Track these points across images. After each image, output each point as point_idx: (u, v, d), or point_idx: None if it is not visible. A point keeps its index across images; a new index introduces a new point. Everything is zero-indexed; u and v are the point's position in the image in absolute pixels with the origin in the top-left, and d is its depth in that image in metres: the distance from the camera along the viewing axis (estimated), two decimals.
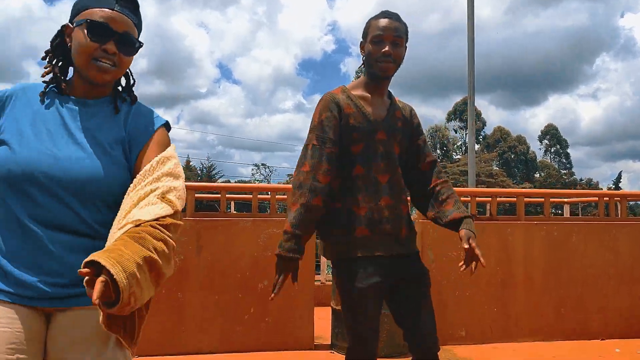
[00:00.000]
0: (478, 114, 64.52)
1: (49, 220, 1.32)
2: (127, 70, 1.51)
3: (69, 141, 1.36)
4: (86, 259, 1.09)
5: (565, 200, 6.47)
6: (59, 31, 1.46)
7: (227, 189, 4.48)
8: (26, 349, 1.26)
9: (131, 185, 1.35)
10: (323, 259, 6.44)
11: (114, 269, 1.07)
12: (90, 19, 1.36)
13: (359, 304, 2.05)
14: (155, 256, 1.20)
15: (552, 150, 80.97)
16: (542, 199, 4.85)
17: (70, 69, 1.50)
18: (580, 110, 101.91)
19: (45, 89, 1.43)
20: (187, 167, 74.57)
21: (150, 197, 1.31)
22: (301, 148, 2.14)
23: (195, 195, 4.39)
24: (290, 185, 4.33)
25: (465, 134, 68.98)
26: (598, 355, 4.22)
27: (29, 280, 1.30)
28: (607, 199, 4.89)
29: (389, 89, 2.26)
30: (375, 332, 2.09)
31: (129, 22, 1.41)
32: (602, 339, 4.67)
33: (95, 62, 1.37)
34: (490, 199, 4.92)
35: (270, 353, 4.15)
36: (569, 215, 6.41)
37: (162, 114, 1.52)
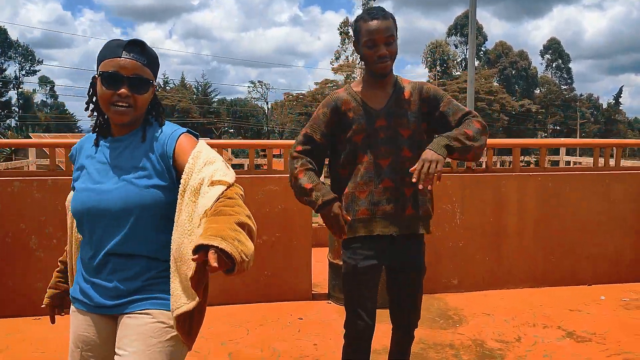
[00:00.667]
0: (479, 28, 62.72)
1: (103, 246, 1.55)
2: (155, 99, 1.67)
3: (110, 176, 1.57)
4: (193, 247, 1.27)
5: (561, 141, 6.44)
6: (90, 83, 1.65)
7: (224, 146, 4.46)
8: (100, 347, 1.60)
9: (180, 194, 1.52)
10: None
11: (216, 241, 1.24)
12: (102, 70, 1.55)
13: (356, 283, 2.30)
14: (240, 217, 1.38)
15: (554, 65, 79.48)
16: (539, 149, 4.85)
17: None
18: (584, 21, 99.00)
19: (96, 135, 1.67)
20: (183, 85, 73.59)
21: (203, 189, 1.47)
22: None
23: None
24: (283, 142, 4.45)
25: (466, 50, 67.45)
26: (583, 303, 4.40)
27: (94, 295, 1.58)
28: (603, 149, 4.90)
29: (395, 74, 2.35)
30: (372, 306, 2.33)
31: (137, 65, 1.56)
32: (589, 285, 4.84)
33: (113, 107, 1.55)
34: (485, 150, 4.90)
35: (269, 304, 4.32)
36: (564, 158, 6.42)
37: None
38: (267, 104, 78.08)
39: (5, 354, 3.40)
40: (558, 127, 71.16)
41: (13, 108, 63.09)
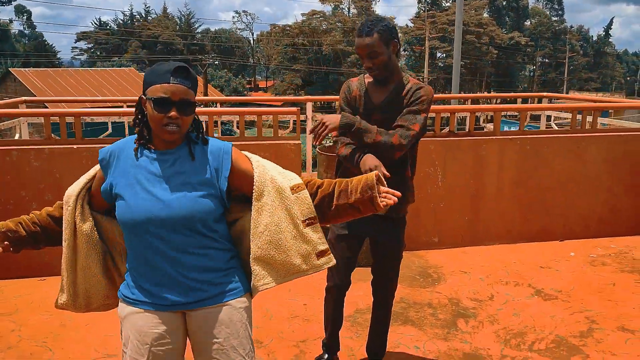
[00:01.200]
0: None
1: (163, 251, 1.74)
2: (195, 119, 1.84)
3: (165, 187, 1.74)
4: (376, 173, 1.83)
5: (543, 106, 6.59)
6: (137, 102, 1.80)
7: (213, 113, 4.56)
8: (169, 341, 1.79)
9: (257, 198, 1.80)
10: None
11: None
12: (153, 96, 1.71)
13: (333, 246, 2.74)
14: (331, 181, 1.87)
15: None
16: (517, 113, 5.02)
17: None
18: None
19: (137, 145, 1.80)
20: (165, 16, 71.32)
21: (289, 196, 1.81)
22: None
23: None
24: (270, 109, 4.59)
25: None
26: (554, 259, 4.73)
27: (159, 294, 1.77)
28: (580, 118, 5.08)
29: (403, 72, 2.64)
30: (345, 264, 2.80)
31: (184, 89, 1.72)
32: (562, 240, 5.17)
33: (164, 127, 1.71)
34: (468, 114, 5.07)
35: None
36: (545, 121, 6.60)
37: None
38: (253, 34, 76.15)
39: (15, 317, 3.65)
40: (547, 60, 70.69)
41: None
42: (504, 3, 68.22)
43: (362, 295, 3.75)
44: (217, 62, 65.72)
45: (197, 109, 5.80)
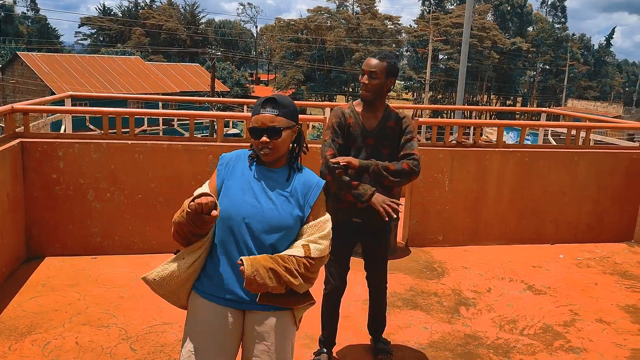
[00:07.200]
0: None
1: (248, 248, 2.05)
2: (299, 136, 2.18)
3: (265, 197, 2.09)
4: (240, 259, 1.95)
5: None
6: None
7: (194, 116, 5.08)
8: (232, 334, 2.07)
9: (302, 229, 2.11)
10: None
11: (246, 262, 1.95)
12: (249, 127, 2.09)
13: (333, 253, 3.07)
14: (280, 270, 1.98)
15: (549, 3, 78.41)
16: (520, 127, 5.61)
17: None
18: None
19: (250, 159, 2.17)
20: (170, 4, 71.50)
21: (299, 241, 2.08)
22: None
23: None
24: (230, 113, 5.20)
25: None
26: (545, 260, 5.33)
27: (230, 288, 2.06)
28: (574, 131, 5.68)
29: (387, 103, 3.12)
30: (342, 268, 3.18)
31: (272, 117, 2.05)
32: (552, 244, 5.77)
33: (260, 151, 2.09)
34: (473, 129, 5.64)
35: None
36: (542, 134, 7.20)
37: None
38: (257, 27, 76.15)
39: (78, 289, 4.22)
40: (547, 67, 71.32)
41: None
42: (509, 8, 68.73)
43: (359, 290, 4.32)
44: (219, 54, 66.10)
45: (170, 111, 6.18)
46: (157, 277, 2.10)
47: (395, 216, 2.94)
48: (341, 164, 2.91)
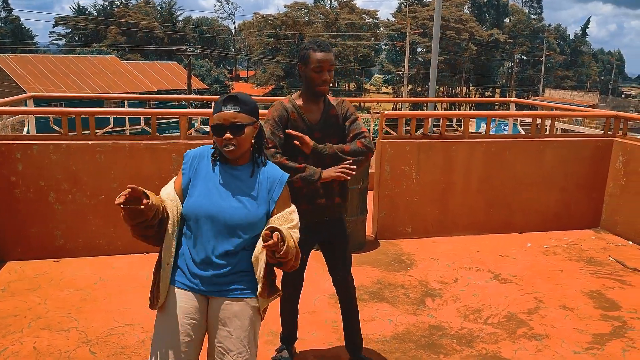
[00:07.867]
0: None
1: (212, 244, 2.13)
2: (259, 134, 2.23)
3: (228, 195, 2.15)
4: (268, 228, 2.02)
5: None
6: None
7: (155, 114, 5.02)
8: (197, 318, 2.15)
9: (268, 222, 2.16)
10: None
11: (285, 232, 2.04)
12: (211, 124, 2.14)
13: None
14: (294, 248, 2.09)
15: None
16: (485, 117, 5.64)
17: None
18: None
19: (213, 157, 2.22)
20: (146, 2, 70.69)
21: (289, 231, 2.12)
22: None
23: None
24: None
25: None
26: (512, 249, 5.37)
27: (199, 274, 2.15)
28: (539, 120, 5.72)
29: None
30: (302, 269, 3.09)
31: (234, 114, 2.10)
32: (521, 232, 5.81)
33: (224, 148, 2.13)
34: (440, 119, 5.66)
35: None
36: (511, 124, 7.25)
37: None
38: (235, 24, 75.70)
39: (39, 292, 4.14)
40: (525, 57, 72.03)
41: None
42: (485, 0, 69.21)
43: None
44: (197, 51, 65.56)
45: (132, 109, 6.04)
46: (162, 299, 2.19)
47: (353, 172, 2.87)
48: (295, 142, 2.81)
